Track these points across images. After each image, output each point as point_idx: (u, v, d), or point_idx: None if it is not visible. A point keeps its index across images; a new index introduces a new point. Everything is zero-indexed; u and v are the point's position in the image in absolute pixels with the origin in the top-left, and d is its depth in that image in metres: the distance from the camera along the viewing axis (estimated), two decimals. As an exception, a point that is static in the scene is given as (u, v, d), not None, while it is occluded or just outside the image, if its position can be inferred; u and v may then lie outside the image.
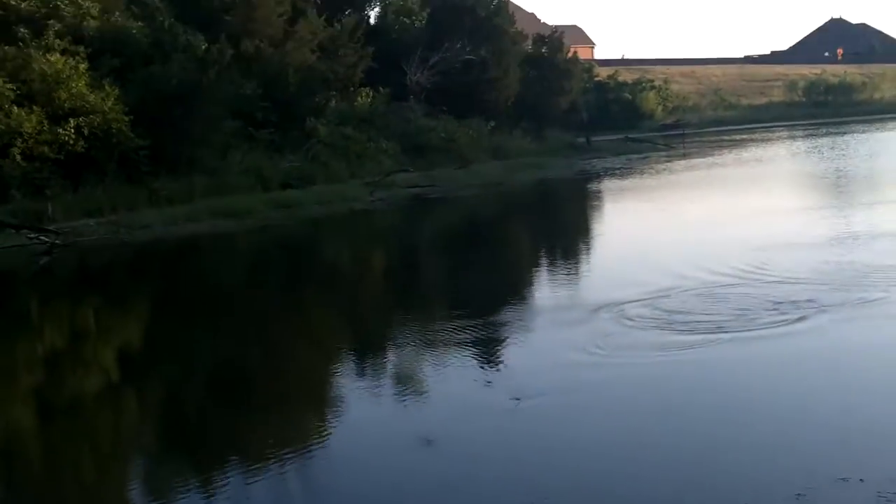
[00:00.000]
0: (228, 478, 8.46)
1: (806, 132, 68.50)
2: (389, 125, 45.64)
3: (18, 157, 27.38)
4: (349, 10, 48.69)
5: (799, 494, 7.12)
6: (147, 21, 35.37)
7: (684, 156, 52.26)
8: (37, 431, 10.76)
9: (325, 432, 9.78)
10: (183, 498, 8.00)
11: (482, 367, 11.83)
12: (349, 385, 11.70)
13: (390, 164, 42.05)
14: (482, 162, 47.10)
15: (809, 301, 13.61)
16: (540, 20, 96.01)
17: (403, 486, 7.97)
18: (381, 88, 46.57)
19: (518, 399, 10.02)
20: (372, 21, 52.64)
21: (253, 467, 8.61)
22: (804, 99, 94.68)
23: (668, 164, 47.45)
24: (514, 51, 55.49)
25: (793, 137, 65.16)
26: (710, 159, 48.84)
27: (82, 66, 30.07)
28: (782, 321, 12.68)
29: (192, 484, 8.43)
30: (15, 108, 27.88)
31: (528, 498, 7.40)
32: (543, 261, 22.20)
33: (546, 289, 17.64)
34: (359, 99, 45.90)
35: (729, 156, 50.77)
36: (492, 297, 16.71)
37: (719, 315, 13.19)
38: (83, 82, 29.88)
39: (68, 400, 11.88)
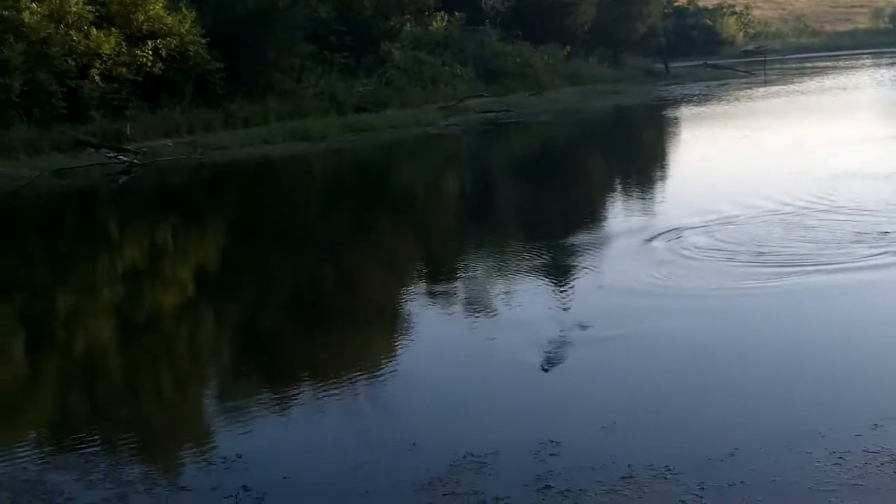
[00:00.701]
0: (302, 395, 8.57)
1: (892, 60, 66.79)
2: (464, 50, 45.36)
3: (97, 79, 27.70)
4: (425, -67, 48.25)
5: (876, 424, 7.04)
6: (223, -57, 35.41)
7: (765, 83, 51.32)
8: (116, 347, 10.97)
9: (397, 354, 9.85)
10: (257, 414, 8.12)
11: (551, 294, 11.80)
12: (421, 308, 11.76)
13: (464, 89, 41.88)
14: (557, 88, 46.74)
15: (892, 233, 13.34)
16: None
17: (471, 410, 7.99)
18: (455, 13, 46.20)
19: (587, 327, 9.99)
20: (448, -57, 52.12)
21: (326, 386, 8.71)
22: (890, 26, 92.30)
23: (748, 91, 46.64)
24: (591, -25, 54.69)
25: (878, 65, 63.61)
26: (791, 87, 47.90)
27: (159, -11, 30.23)
28: (865, 254, 12.43)
29: (266, 400, 8.55)
30: (94, 29, 28.16)
31: (598, 425, 7.40)
32: (617, 186, 22.04)
33: (618, 214, 17.51)
34: (434, 23, 45.66)
35: (811, 83, 49.76)
36: (564, 222, 16.66)
37: (799, 247, 12.96)
38: (160, 5, 30.06)
39: (146, 316, 12.09)
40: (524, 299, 11.47)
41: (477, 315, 11.16)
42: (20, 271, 15.11)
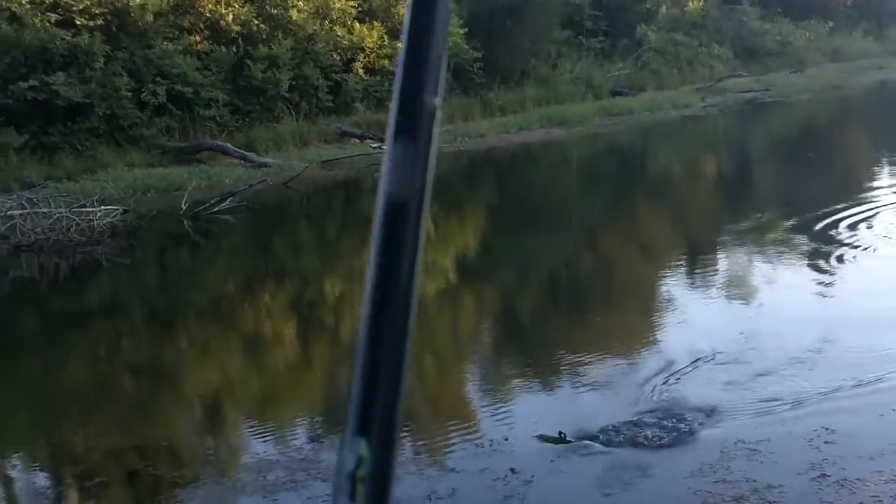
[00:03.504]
0: (564, 379, 8.58)
1: None
2: (721, 29, 44.36)
3: (361, 71, 28.58)
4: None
5: None
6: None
7: None
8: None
9: (657, 338, 9.73)
10: (522, 398, 8.20)
11: (813, 278, 11.43)
12: (678, 290, 11.63)
13: (722, 69, 41.05)
14: (819, 65, 45.11)
15: None
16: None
17: (741, 397, 7.78)
18: (712, -8, 45.26)
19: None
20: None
21: (587, 369, 8.70)
22: None
23: None
24: (856, -55, 52.41)
25: None
26: None
27: (418, -18, 30.85)
28: None
29: (530, 384, 8.62)
30: (357, 24, 29.06)
31: (875, 413, 7.10)
32: (884, 167, 21.03)
33: (884, 196, 16.66)
34: (690, 3, 44.80)
35: None
36: (826, 204, 15.89)
37: None
38: (420, -3, 30.69)
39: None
40: (782, 284, 11.21)
41: (734, 300, 10.92)
42: (292, 259, 15.80)
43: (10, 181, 19.68)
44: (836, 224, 14.05)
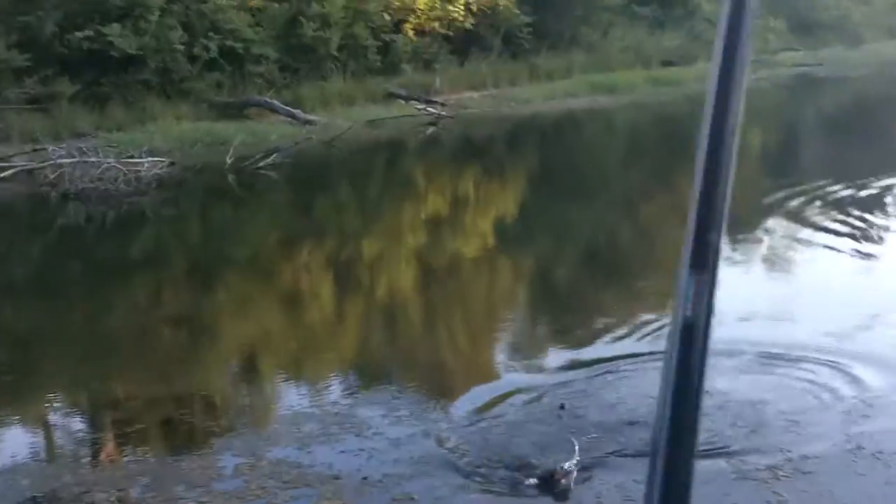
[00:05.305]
0: (594, 345, 8.54)
1: None
2: (777, 1, 43.86)
3: (411, 33, 28.53)
4: None
5: None
6: None
7: None
8: (416, 292, 11.33)
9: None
10: (548, 363, 8.17)
11: (855, 252, 11.40)
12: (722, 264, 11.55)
13: (776, 42, 40.56)
14: (877, 41, 44.51)
15: None
16: None
17: (774, 368, 7.71)
18: (770, -37, 44.71)
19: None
20: None
21: (618, 335, 8.68)
22: None
23: None
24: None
25: None
26: None
27: (472, -55, 30.69)
28: None
29: (558, 349, 8.59)
30: (410, -15, 29.03)
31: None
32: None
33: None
34: (746, -26, 44.36)
35: None
36: (873, 178, 15.69)
37: None
38: (474, -40, 30.56)
39: (446, 263, 12.41)
40: (821, 255, 11.18)
41: (769, 276, 10.87)
42: (332, 216, 15.87)
43: (61, 130, 19.86)
44: (881, 197, 13.96)
